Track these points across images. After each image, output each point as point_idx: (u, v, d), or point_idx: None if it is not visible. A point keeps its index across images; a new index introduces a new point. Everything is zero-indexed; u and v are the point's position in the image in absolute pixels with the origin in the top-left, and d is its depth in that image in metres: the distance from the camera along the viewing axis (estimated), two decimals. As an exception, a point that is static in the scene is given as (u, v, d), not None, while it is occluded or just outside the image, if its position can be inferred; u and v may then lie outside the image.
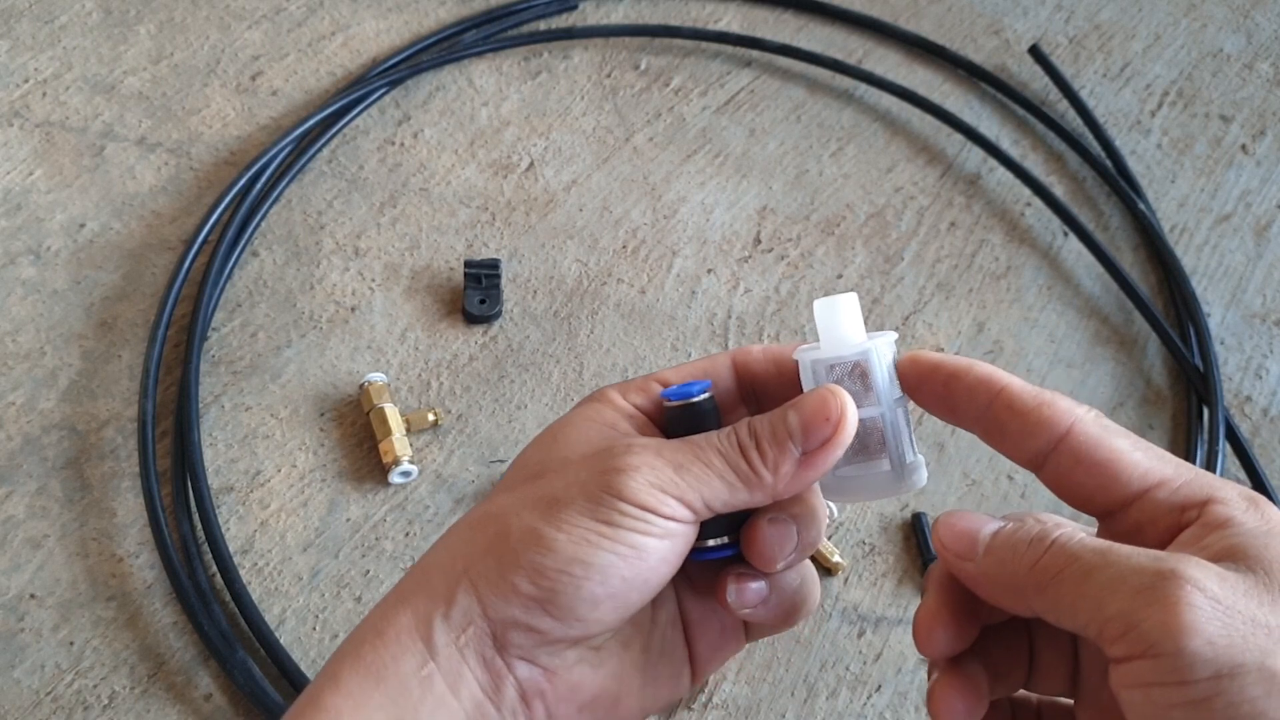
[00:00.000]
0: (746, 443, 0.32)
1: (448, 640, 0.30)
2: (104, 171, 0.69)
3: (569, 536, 0.30)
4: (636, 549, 0.30)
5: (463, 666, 0.31)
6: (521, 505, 0.31)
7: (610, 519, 0.30)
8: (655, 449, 0.31)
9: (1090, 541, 0.28)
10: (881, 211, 0.71)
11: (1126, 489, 0.30)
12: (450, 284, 0.65)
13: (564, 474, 0.31)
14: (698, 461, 0.31)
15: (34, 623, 0.53)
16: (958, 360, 0.33)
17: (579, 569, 0.30)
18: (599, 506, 0.30)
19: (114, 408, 0.59)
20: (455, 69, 0.75)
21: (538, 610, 0.30)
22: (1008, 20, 0.82)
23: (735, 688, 0.53)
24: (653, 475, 0.30)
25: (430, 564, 0.32)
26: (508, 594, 0.30)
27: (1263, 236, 0.72)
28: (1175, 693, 0.25)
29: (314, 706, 0.30)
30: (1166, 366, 0.65)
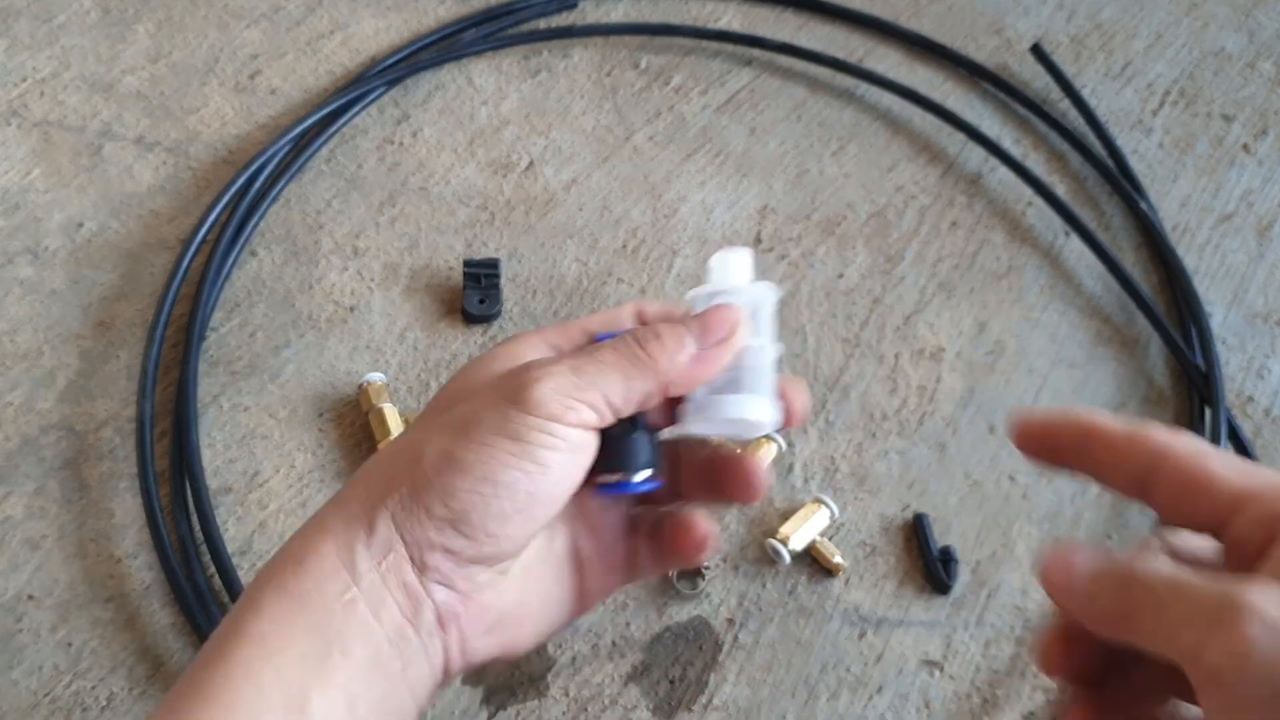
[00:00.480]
0: (644, 334, 0.34)
1: (369, 566, 0.32)
2: (102, 171, 0.68)
3: (478, 456, 0.32)
4: (542, 465, 0.32)
5: (384, 592, 0.32)
6: (434, 431, 0.33)
7: (518, 434, 0.32)
8: (555, 360, 0.33)
9: (1164, 574, 0.30)
10: (882, 211, 0.71)
11: (1223, 509, 0.31)
12: (449, 283, 0.65)
13: (471, 401, 0.33)
14: (593, 360, 0.33)
15: (32, 624, 0.52)
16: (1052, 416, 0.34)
17: (488, 487, 0.31)
18: (507, 422, 0.32)
19: (112, 408, 0.59)
20: (454, 68, 0.75)
21: (450, 530, 0.32)
22: (1009, 19, 0.82)
23: (735, 689, 0.53)
24: (554, 382, 0.32)
25: (349, 495, 0.33)
26: (422, 517, 0.32)
27: (1265, 236, 0.71)
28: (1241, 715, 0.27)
29: (236, 633, 0.31)
30: (1168, 366, 0.65)
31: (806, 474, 0.59)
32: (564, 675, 0.53)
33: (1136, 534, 0.58)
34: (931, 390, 0.63)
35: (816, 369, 0.63)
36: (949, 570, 0.56)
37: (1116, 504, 0.59)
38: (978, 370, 0.64)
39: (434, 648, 0.33)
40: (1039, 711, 0.53)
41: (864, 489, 0.59)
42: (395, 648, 0.32)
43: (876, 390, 0.63)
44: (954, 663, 0.54)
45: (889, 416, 0.62)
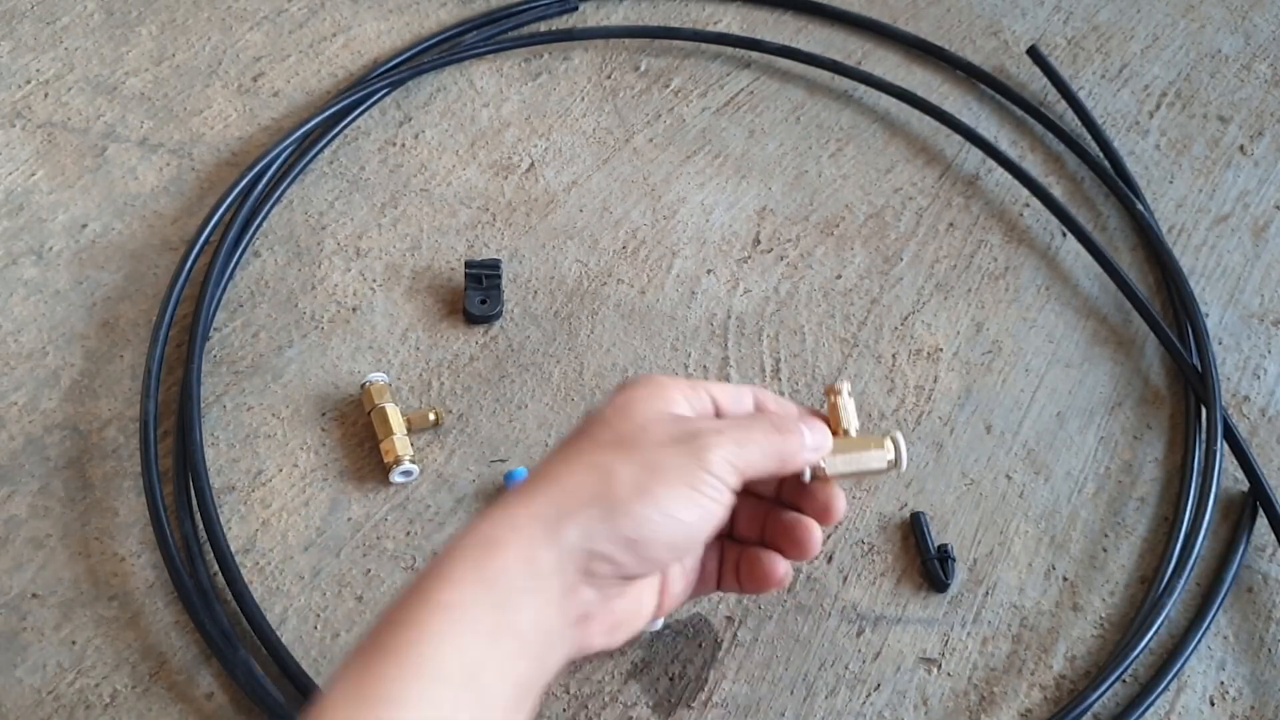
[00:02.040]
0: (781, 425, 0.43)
1: (550, 564, 0.37)
2: (106, 172, 0.69)
3: (668, 493, 0.38)
4: (704, 510, 0.39)
5: (553, 586, 0.37)
6: (621, 465, 0.39)
7: (697, 484, 0.39)
8: (720, 430, 0.41)
9: None
10: (880, 212, 0.71)
11: None
12: (451, 284, 0.66)
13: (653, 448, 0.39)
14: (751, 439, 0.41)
15: (36, 622, 0.53)
16: None
17: (672, 522, 0.38)
18: (691, 474, 0.39)
19: (116, 408, 0.60)
20: (456, 70, 0.75)
21: (628, 549, 0.38)
22: (1006, 21, 0.82)
23: (735, 686, 0.53)
24: (725, 451, 0.40)
25: (538, 494, 0.38)
26: (611, 533, 0.37)
27: (1260, 237, 0.72)
28: None
29: (425, 601, 0.35)
30: (1164, 366, 0.65)
31: (805, 473, 0.60)
32: (564, 672, 0.53)
33: (1131, 531, 0.59)
34: (929, 390, 0.63)
35: (815, 369, 0.64)
36: (946, 568, 0.56)
37: (1112, 503, 0.60)
38: (974, 370, 0.64)
39: (573, 638, 0.39)
40: (1036, 709, 0.53)
41: (862, 488, 0.59)
42: (549, 635, 0.37)
43: (874, 390, 0.63)
44: (951, 660, 0.54)
45: (886, 416, 0.62)
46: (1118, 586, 0.57)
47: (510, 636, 0.36)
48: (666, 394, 0.42)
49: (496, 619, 0.35)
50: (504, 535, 0.37)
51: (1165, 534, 0.59)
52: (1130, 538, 0.59)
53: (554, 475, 0.39)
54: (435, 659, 0.34)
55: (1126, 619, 0.56)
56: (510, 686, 0.35)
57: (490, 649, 0.35)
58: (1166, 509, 0.60)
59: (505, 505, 0.38)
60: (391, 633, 0.35)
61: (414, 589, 0.36)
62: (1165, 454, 0.62)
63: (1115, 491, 0.60)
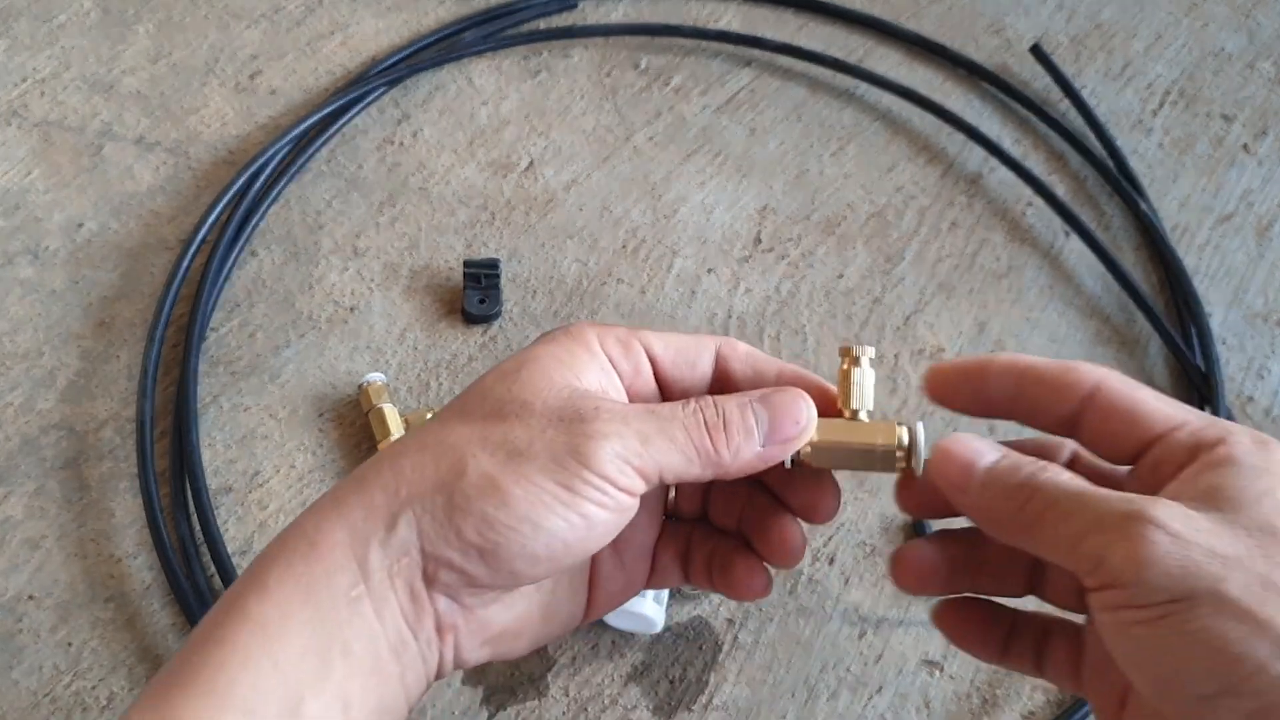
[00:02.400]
0: (714, 422, 0.33)
1: (381, 566, 0.30)
2: (102, 171, 0.68)
3: (525, 494, 0.30)
4: (587, 519, 0.31)
5: (390, 593, 0.31)
6: (480, 446, 0.31)
7: (572, 485, 0.31)
8: (623, 418, 0.32)
9: (1070, 485, 0.31)
10: (882, 211, 0.71)
11: (1151, 430, 0.32)
12: (450, 284, 0.65)
13: (528, 424, 0.31)
14: (662, 434, 0.32)
15: (32, 624, 0.52)
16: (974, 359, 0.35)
17: (528, 528, 0.30)
18: (563, 470, 0.31)
19: (112, 408, 0.59)
20: (454, 68, 0.75)
21: (475, 557, 0.31)
22: (1009, 19, 0.82)
23: (735, 689, 0.53)
24: (620, 445, 0.31)
25: (373, 480, 0.32)
26: (450, 536, 0.30)
27: (1264, 236, 0.71)
28: (1136, 614, 0.28)
29: (239, 613, 0.30)
30: (1168, 367, 0.65)
31: (806, 474, 0.59)
32: (564, 675, 0.53)
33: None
34: (931, 390, 0.63)
35: (816, 369, 0.63)
36: (949, 570, 0.56)
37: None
38: (977, 370, 0.64)
39: (430, 653, 0.32)
40: (1039, 711, 0.53)
41: (864, 489, 0.59)
42: (394, 651, 0.31)
43: (876, 390, 0.63)
44: (954, 663, 0.54)
45: (889, 416, 0.62)
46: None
47: (340, 656, 0.30)
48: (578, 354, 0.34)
49: (321, 636, 0.30)
50: (329, 531, 0.31)
51: (1169, 536, 0.58)
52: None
53: (399, 454, 0.32)
54: (248, 685, 0.28)
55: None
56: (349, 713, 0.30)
57: (316, 673, 0.29)
58: (1170, 510, 0.59)
59: (335, 492, 0.32)
60: (199, 654, 0.29)
61: (227, 599, 0.30)
62: (1169, 455, 0.61)
63: (1119, 493, 0.60)
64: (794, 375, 0.36)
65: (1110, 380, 0.33)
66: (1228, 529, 0.28)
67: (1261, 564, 0.28)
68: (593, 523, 0.31)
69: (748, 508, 0.38)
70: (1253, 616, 0.27)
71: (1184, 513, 0.29)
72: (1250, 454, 0.30)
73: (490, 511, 0.30)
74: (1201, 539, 0.28)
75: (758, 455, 0.33)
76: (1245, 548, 0.28)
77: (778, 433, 0.34)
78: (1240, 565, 0.28)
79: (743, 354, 0.36)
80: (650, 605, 0.52)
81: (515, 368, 0.33)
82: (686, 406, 0.33)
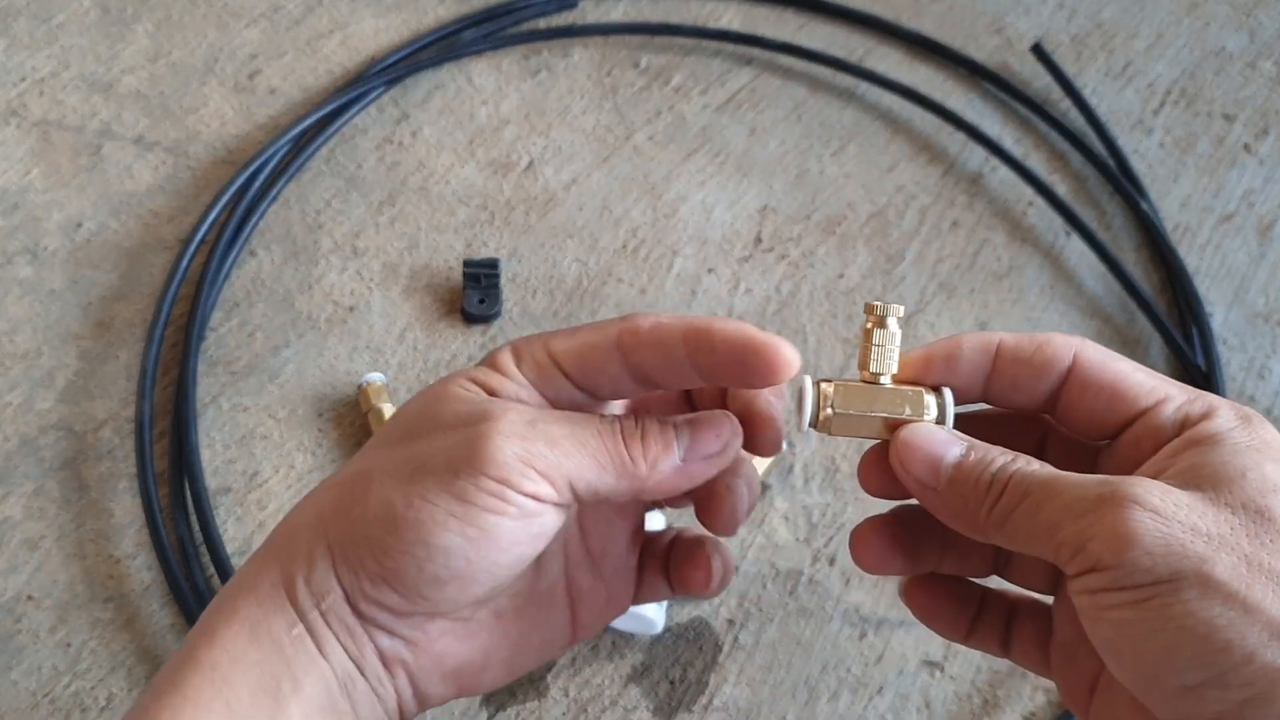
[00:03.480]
0: (631, 432, 0.31)
1: (310, 604, 0.30)
2: (101, 170, 0.68)
3: (417, 515, 0.29)
4: (485, 531, 0.29)
5: (327, 631, 0.30)
6: (385, 470, 0.30)
7: (465, 494, 0.28)
8: (530, 418, 0.30)
9: (1040, 475, 0.30)
10: (883, 211, 0.70)
11: (1134, 406, 0.31)
12: (449, 283, 0.65)
13: (434, 438, 0.30)
14: (573, 438, 0.30)
15: (31, 624, 0.52)
16: (943, 343, 0.34)
17: (421, 550, 0.29)
18: (456, 479, 0.28)
19: (111, 408, 0.59)
20: (454, 67, 0.75)
21: (384, 586, 0.29)
22: (1010, 19, 0.82)
23: (735, 690, 0.53)
24: (520, 446, 0.29)
25: (297, 520, 0.31)
26: (355, 567, 0.29)
27: (1266, 236, 0.71)
28: (1118, 596, 0.27)
29: (191, 662, 0.29)
30: (1170, 367, 0.65)
31: (807, 474, 0.59)
32: (564, 676, 0.52)
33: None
34: (932, 390, 0.63)
35: (817, 369, 0.63)
36: (949, 571, 0.56)
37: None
38: (978, 370, 0.64)
39: (384, 690, 0.31)
40: (1040, 712, 0.53)
41: (864, 489, 0.59)
42: (344, 689, 0.30)
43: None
44: (954, 663, 0.54)
45: (889, 417, 0.62)
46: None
47: (292, 693, 0.29)
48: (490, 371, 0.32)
49: (271, 676, 0.29)
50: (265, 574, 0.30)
51: (1170, 536, 0.58)
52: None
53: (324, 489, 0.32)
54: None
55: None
56: None
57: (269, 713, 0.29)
58: (1171, 511, 0.59)
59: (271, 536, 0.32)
60: (155, 704, 0.29)
61: (185, 646, 0.30)
62: (1170, 455, 0.61)
63: (1120, 493, 0.60)
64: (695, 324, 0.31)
65: (1087, 352, 0.32)
66: (1211, 507, 0.27)
67: (1247, 544, 0.26)
68: (493, 534, 0.29)
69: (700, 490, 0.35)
70: (1240, 600, 0.26)
71: (1163, 489, 0.27)
72: (1234, 429, 0.29)
73: (383, 537, 0.29)
74: (1184, 516, 0.27)
75: (676, 469, 0.31)
76: (1230, 527, 0.27)
77: (699, 447, 0.32)
78: (1226, 545, 0.26)
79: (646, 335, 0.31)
80: (650, 606, 0.52)
81: (434, 396, 0.32)
82: (605, 417, 0.31)
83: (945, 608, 0.36)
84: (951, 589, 0.36)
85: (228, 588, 0.31)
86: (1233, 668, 0.26)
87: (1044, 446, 0.35)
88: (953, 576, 0.36)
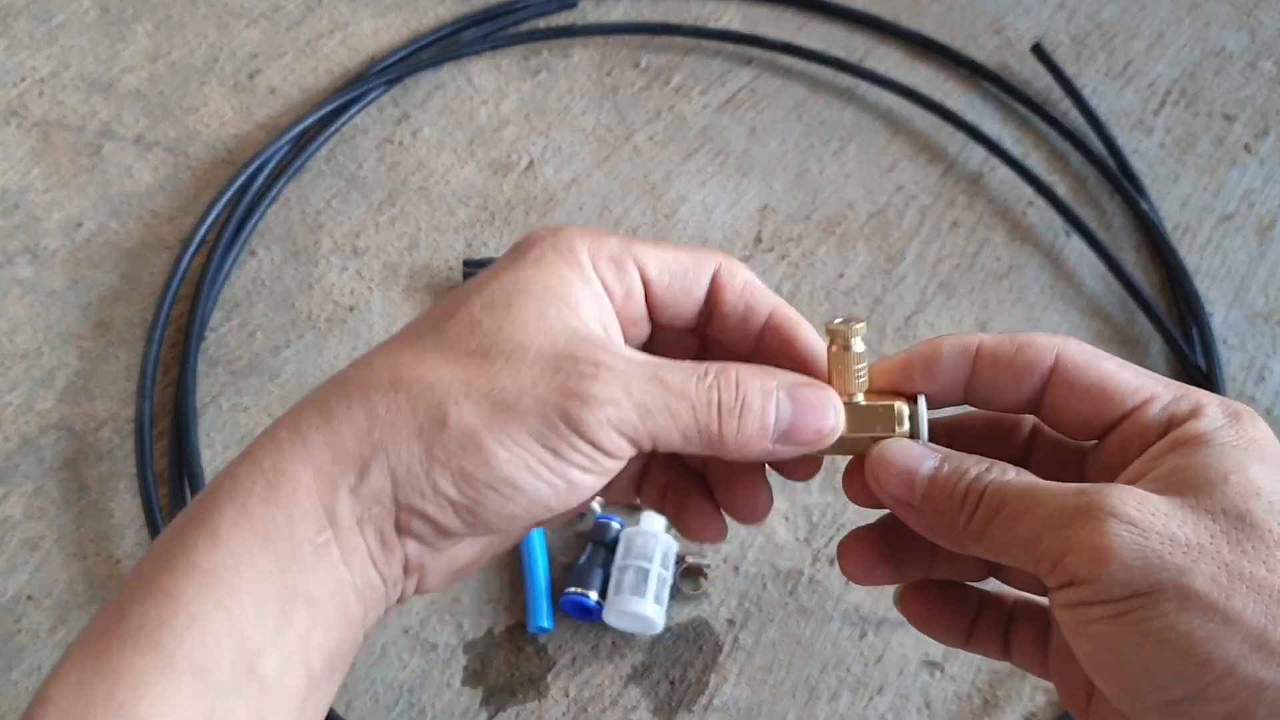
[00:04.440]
0: (729, 408, 0.30)
1: (350, 513, 0.28)
2: (101, 171, 0.68)
3: (510, 455, 0.28)
4: (571, 484, 0.29)
5: (359, 540, 0.29)
6: (463, 392, 0.28)
7: (560, 450, 0.29)
8: (624, 380, 0.29)
9: (1016, 484, 0.29)
10: (883, 210, 0.70)
11: (1119, 407, 0.30)
12: (449, 283, 0.65)
13: (518, 372, 0.29)
14: (666, 411, 0.29)
15: (31, 624, 0.52)
16: (922, 348, 0.33)
17: (509, 489, 0.29)
18: (552, 433, 0.28)
19: (111, 408, 0.59)
20: (454, 67, 0.75)
21: (450, 511, 0.29)
22: (1010, 19, 0.82)
23: (736, 690, 0.53)
24: (616, 414, 0.29)
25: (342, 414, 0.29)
26: (426, 489, 0.28)
27: (1266, 236, 0.71)
28: (1096, 610, 0.26)
29: (186, 564, 0.27)
30: (1170, 367, 0.65)
31: (807, 474, 0.59)
32: (564, 676, 0.52)
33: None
34: (932, 390, 0.63)
35: (817, 369, 0.63)
36: (950, 571, 0.56)
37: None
38: (978, 370, 0.64)
39: (394, 591, 0.31)
40: (1040, 712, 0.53)
41: (864, 489, 0.59)
42: (359, 596, 0.29)
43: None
44: (954, 663, 0.54)
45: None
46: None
47: (303, 606, 0.27)
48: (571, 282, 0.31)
49: (282, 586, 0.27)
50: (291, 471, 0.28)
51: (1170, 536, 0.58)
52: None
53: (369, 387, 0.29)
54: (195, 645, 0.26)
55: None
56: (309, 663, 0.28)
57: (276, 626, 0.27)
58: (1171, 511, 0.59)
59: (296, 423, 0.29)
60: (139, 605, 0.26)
61: (170, 542, 0.28)
62: (1170, 455, 0.61)
63: (1120, 493, 0.60)
64: (784, 320, 0.34)
65: (1070, 352, 0.31)
66: (1191, 514, 0.26)
67: (1228, 552, 0.26)
68: (576, 487, 0.29)
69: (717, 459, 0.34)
70: (1220, 611, 0.25)
71: (1140, 497, 0.27)
72: (1220, 429, 0.28)
73: (470, 469, 0.28)
74: (1161, 525, 0.26)
75: (765, 451, 0.31)
76: (1210, 534, 0.26)
77: (796, 434, 0.31)
78: (1205, 554, 0.26)
79: (740, 286, 0.33)
80: (650, 606, 0.52)
81: (505, 298, 0.30)
82: (703, 380, 0.30)
83: (941, 614, 0.35)
84: (947, 595, 0.35)
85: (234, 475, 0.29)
86: (1214, 681, 0.25)
87: (1031, 448, 0.35)
88: (948, 582, 0.36)
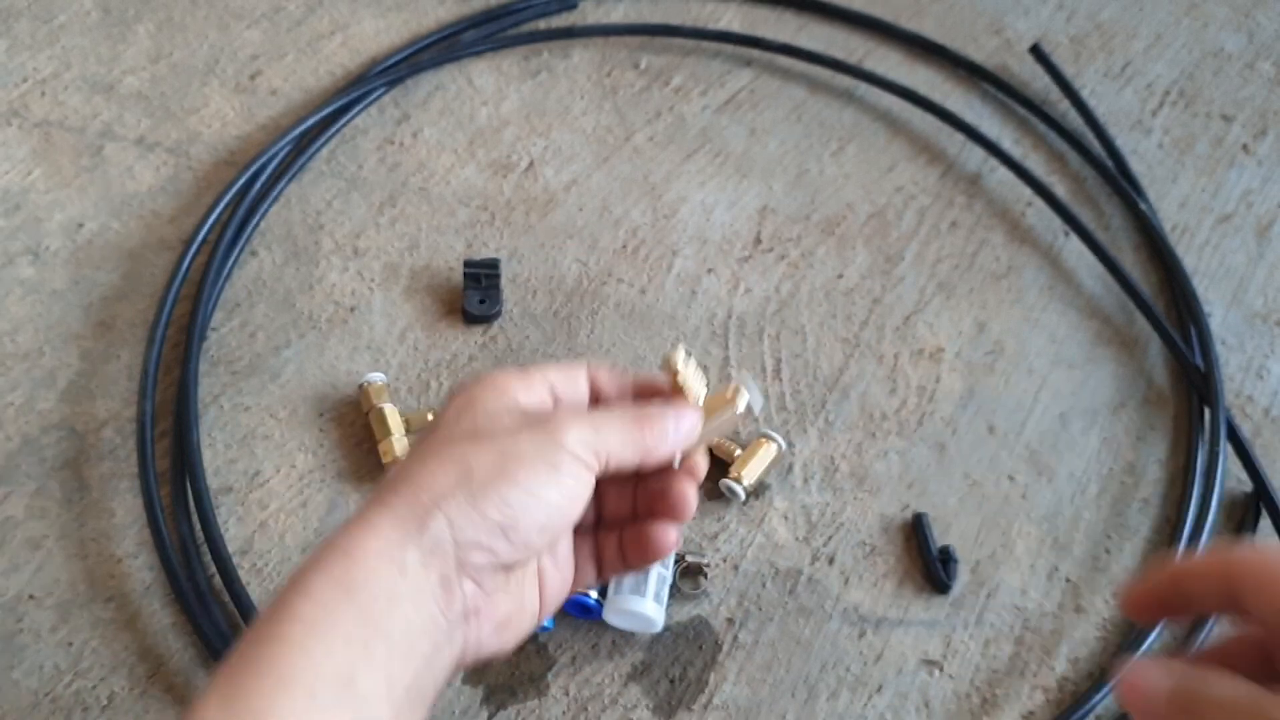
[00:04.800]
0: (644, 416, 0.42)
1: (418, 561, 0.36)
2: (103, 171, 0.68)
3: (527, 473, 0.38)
4: (568, 487, 0.39)
5: (425, 584, 0.36)
6: (474, 453, 0.38)
7: (555, 462, 0.39)
8: (579, 419, 0.40)
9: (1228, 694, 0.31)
10: (882, 211, 0.71)
11: None
12: (450, 284, 0.65)
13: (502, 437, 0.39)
14: (609, 425, 0.40)
15: (33, 623, 0.53)
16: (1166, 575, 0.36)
17: (533, 500, 0.38)
18: (547, 451, 0.39)
19: (113, 408, 0.59)
20: (455, 68, 0.75)
21: (498, 534, 0.37)
22: (1009, 20, 0.82)
23: (735, 689, 0.53)
24: (579, 432, 0.40)
25: (392, 499, 0.38)
26: (477, 519, 0.37)
27: (1264, 236, 0.71)
28: None
29: (288, 615, 0.34)
30: (1168, 367, 0.65)
31: (806, 474, 0.59)
32: (564, 675, 0.53)
33: (1135, 533, 0.58)
34: (931, 390, 0.63)
35: (816, 369, 0.63)
36: (948, 570, 0.56)
37: (1116, 504, 0.59)
38: (977, 371, 0.64)
39: (457, 637, 0.38)
40: (1038, 711, 0.53)
41: (863, 489, 0.59)
42: (427, 634, 0.36)
43: (876, 390, 0.63)
44: (953, 662, 0.54)
45: (888, 416, 0.62)
46: (1121, 588, 0.57)
47: (381, 641, 0.35)
48: (505, 388, 0.42)
49: (364, 626, 0.35)
50: (363, 542, 0.36)
51: (1168, 535, 0.58)
52: (1133, 539, 0.58)
53: (409, 475, 0.38)
54: (304, 669, 0.33)
55: (1129, 621, 0.55)
56: (392, 691, 0.35)
57: (362, 656, 0.34)
58: (1170, 510, 0.59)
59: (362, 513, 0.38)
60: (257, 647, 0.34)
61: (275, 605, 0.35)
62: (1168, 455, 0.61)
63: (1118, 493, 0.60)
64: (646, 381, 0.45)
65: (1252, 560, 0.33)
66: None
67: None
68: (571, 492, 0.39)
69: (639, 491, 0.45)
70: None
71: None
72: None
73: (505, 491, 0.37)
74: None
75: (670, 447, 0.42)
76: None
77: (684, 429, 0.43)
78: None
79: (606, 374, 0.45)
80: (650, 605, 0.52)
81: (466, 403, 0.41)
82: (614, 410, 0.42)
83: None
84: None
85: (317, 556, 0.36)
86: None
87: None
88: None
